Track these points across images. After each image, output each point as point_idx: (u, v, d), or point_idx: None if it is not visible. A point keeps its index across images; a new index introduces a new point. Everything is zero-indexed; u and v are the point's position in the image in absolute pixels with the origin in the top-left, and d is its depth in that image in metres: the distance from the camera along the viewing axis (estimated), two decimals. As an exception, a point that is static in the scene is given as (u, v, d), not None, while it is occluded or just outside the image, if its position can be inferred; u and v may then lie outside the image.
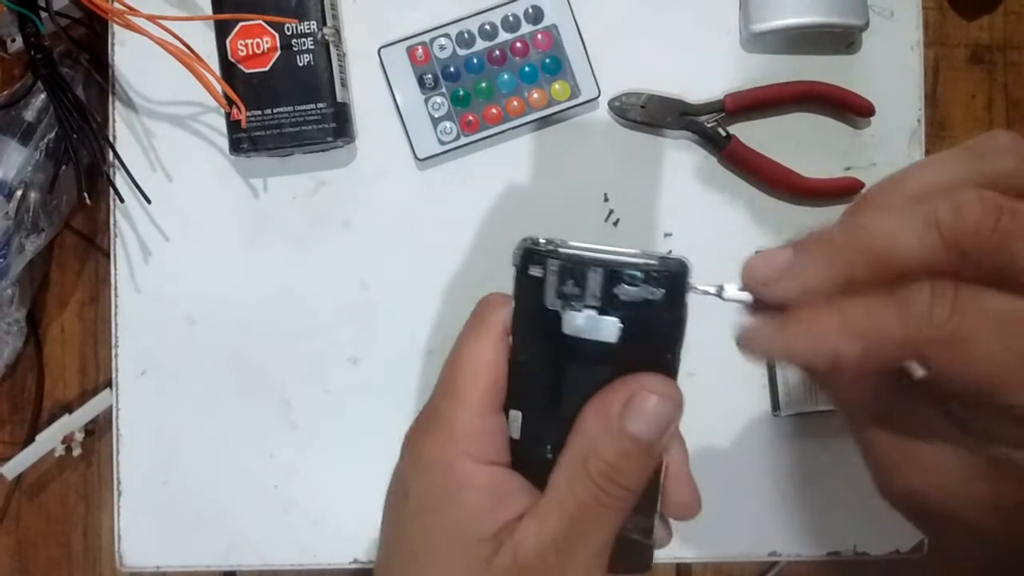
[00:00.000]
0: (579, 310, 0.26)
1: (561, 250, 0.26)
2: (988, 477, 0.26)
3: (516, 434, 0.28)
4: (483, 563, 0.26)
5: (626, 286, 0.26)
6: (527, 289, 0.27)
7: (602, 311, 0.26)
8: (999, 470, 0.25)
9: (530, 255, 0.27)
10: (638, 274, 0.26)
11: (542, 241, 0.27)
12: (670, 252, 0.50)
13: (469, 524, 0.27)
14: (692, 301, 0.26)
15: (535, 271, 0.27)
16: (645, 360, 0.27)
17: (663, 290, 0.26)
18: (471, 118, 0.50)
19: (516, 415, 0.28)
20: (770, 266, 0.25)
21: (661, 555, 0.52)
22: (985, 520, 0.26)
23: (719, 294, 0.27)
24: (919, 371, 0.24)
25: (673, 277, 0.26)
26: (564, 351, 0.27)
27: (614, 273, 0.26)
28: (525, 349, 0.28)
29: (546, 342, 0.27)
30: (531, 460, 0.28)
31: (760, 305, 0.26)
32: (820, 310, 0.24)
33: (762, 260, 0.25)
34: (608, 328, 0.26)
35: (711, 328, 0.51)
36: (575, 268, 0.26)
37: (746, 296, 0.26)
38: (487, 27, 0.50)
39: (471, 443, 0.28)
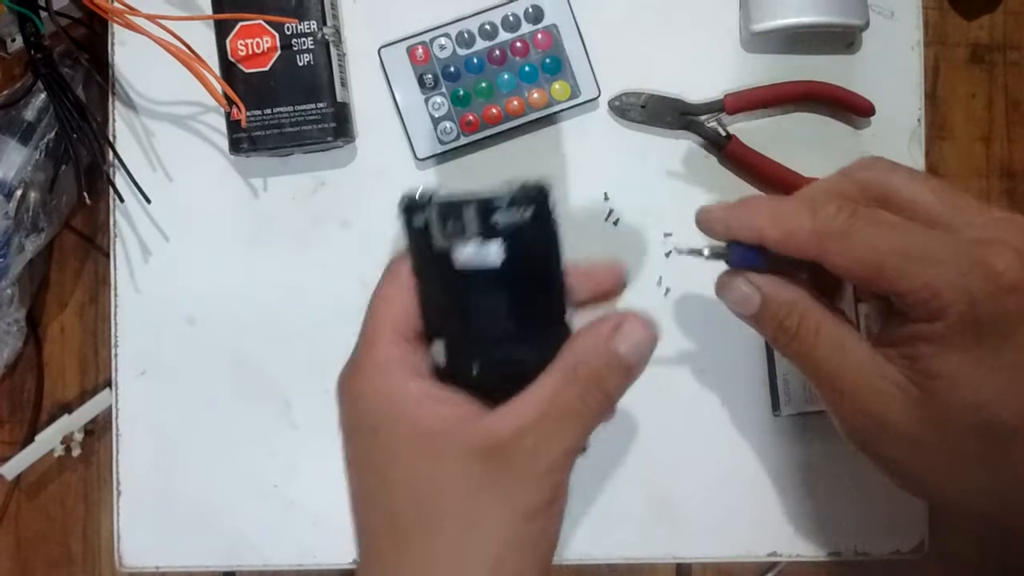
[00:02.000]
0: (464, 244, 0.30)
1: (431, 199, 0.30)
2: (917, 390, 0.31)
3: (443, 359, 0.32)
4: (443, 452, 0.29)
5: (498, 214, 0.30)
6: (416, 238, 0.31)
7: (483, 240, 0.30)
8: (917, 375, 0.31)
9: (411, 208, 0.30)
10: (505, 201, 0.30)
11: (418, 194, 0.30)
12: (668, 253, 0.50)
13: (419, 425, 0.30)
14: (691, 301, 0.28)
15: (418, 221, 0.30)
16: (533, 277, 0.31)
17: (530, 210, 0.30)
18: (471, 118, 0.50)
19: (439, 343, 0.32)
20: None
21: (661, 555, 0.52)
22: (922, 432, 0.31)
23: (702, 253, 0.36)
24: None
25: (536, 196, 0.30)
26: (462, 282, 0.30)
27: (485, 205, 0.30)
28: (428, 286, 0.31)
29: (445, 279, 0.31)
30: (460, 381, 0.31)
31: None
32: (759, 201, 0.34)
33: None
34: (492, 254, 0.30)
35: (711, 328, 0.51)
36: (452, 209, 0.30)
37: (724, 250, 0.35)
38: (487, 27, 0.50)
39: (394, 366, 0.31)
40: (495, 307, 0.31)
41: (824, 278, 0.35)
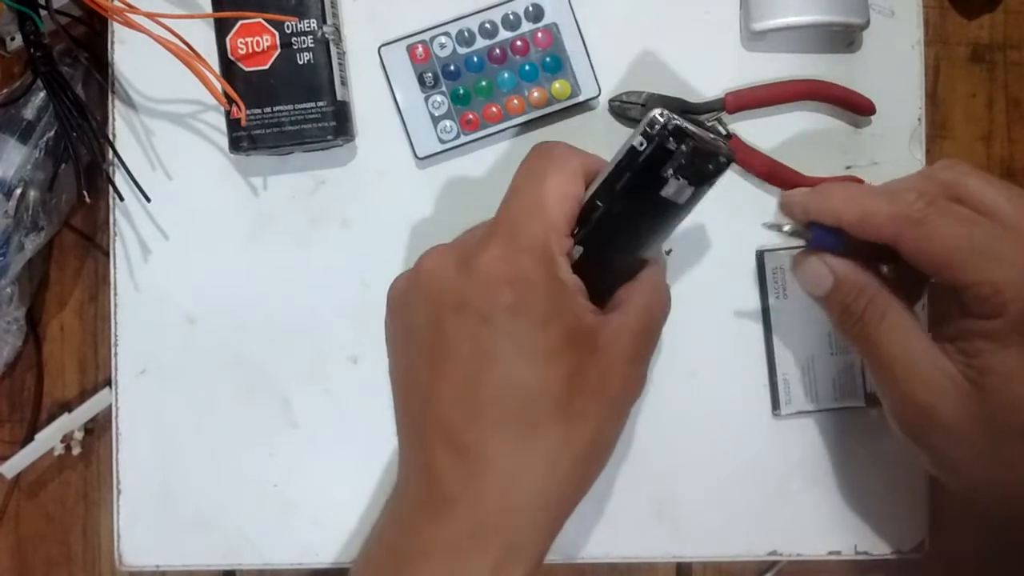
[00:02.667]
0: (679, 179, 0.34)
1: (693, 130, 0.33)
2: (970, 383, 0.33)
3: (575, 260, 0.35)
4: (583, 343, 0.33)
5: (711, 166, 0.34)
6: (647, 156, 0.33)
7: (691, 182, 0.34)
8: (971, 370, 0.32)
9: (676, 132, 0.33)
10: (723, 161, 0.34)
11: (676, 121, 0.33)
12: (668, 252, 0.50)
13: (584, 320, 0.34)
14: (692, 300, 0.31)
15: (671, 145, 0.33)
16: (680, 215, 0.36)
17: (719, 174, 0.35)
18: (471, 117, 0.50)
19: (578, 249, 0.35)
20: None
21: (661, 555, 0.52)
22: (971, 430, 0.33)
23: (783, 229, 0.38)
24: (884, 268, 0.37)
25: (725, 161, 0.34)
26: (647, 207, 0.35)
27: (711, 156, 0.34)
28: (609, 199, 0.35)
29: (636, 199, 0.34)
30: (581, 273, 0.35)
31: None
32: (838, 186, 0.36)
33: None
34: (686, 194, 0.35)
35: (712, 328, 0.51)
36: (701, 156, 0.33)
37: (806, 231, 0.37)
38: (487, 25, 0.50)
39: (565, 263, 0.34)
40: (643, 231, 0.36)
41: (906, 275, 0.37)
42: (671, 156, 0.33)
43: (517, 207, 0.34)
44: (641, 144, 0.33)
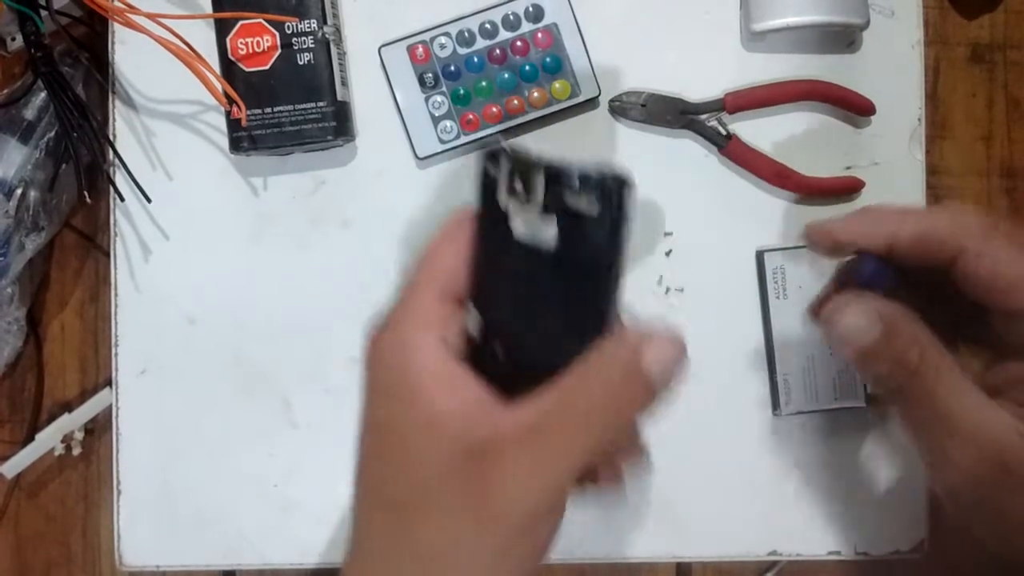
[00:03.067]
0: (524, 212, 0.27)
1: (510, 151, 0.27)
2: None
3: (473, 331, 0.29)
4: (452, 439, 0.27)
5: (564, 190, 0.26)
6: (485, 189, 0.28)
7: (543, 215, 0.26)
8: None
9: (490, 155, 0.28)
10: (575, 180, 0.26)
11: (502, 143, 0.29)
12: (668, 252, 0.50)
13: (435, 405, 0.28)
14: (692, 300, 0.27)
15: (491, 170, 0.28)
16: (583, 273, 0.27)
17: (601, 200, 0.26)
18: (471, 117, 0.50)
19: (474, 313, 0.29)
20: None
21: (661, 555, 0.52)
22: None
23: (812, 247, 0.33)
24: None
25: (613, 186, 0.26)
26: (512, 252, 0.28)
27: (556, 175, 0.26)
28: (482, 248, 0.29)
29: (498, 243, 0.28)
30: (484, 359, 0.29)
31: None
32: (885, 207, 0.32)
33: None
34: (547, 232, 0.27)
35: (712, 328, 0.51)
36: (523, 167, 0.27)
37: (843, 259, 0.33)
38: (487, 26, 0.50)
39: (429, 325, 0.29)
40: (538, 291, 0.28)
41: (941, 322, 0.32)
42: (495, 180, 0.28)
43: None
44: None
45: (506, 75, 0.50)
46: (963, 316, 0.33)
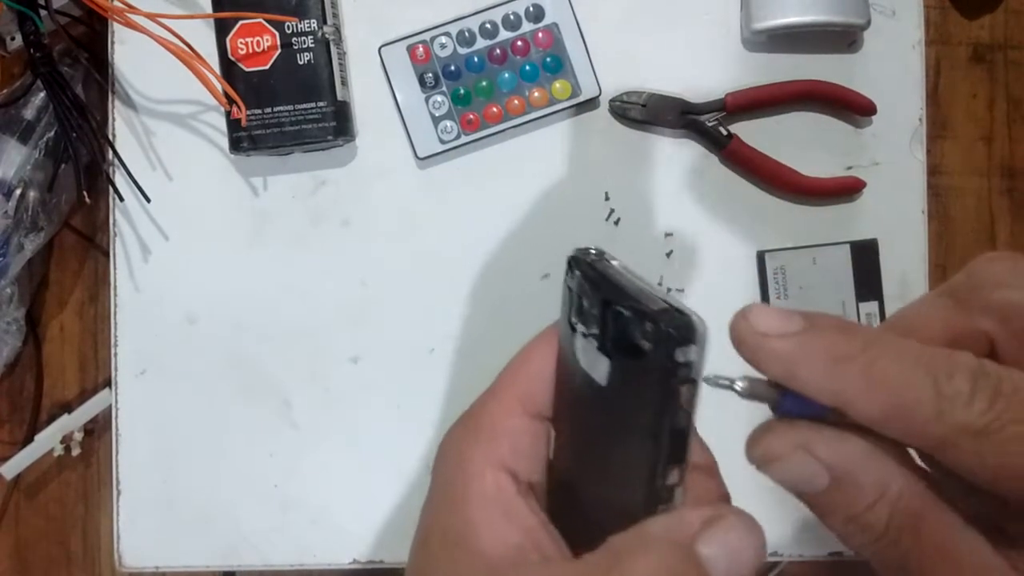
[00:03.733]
0: (585, 337, 0.23)
1: (590, 261, 0.23)
2: None
3: (550, 453, 0.26)
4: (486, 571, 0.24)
5: (619, 323, 0.22)
6: (564, 301, 0.24)
7: (600, 346, 0.22)
8: None
9: (571, 263, 0.23)
10: (629, 313, 0.21)
11: (592, 251, 0.23)
12: (669, 253, 0.50)
13: (484, 543, 0.24)
14: (692, 300, 0.26)
15: (569, 282, 0.23)
16: (632, 417, 0.23)
17: (651, 343, 0.21)
18: (472, 117, 0.50)
19: (552, 434, 0.25)
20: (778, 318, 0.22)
21: (662, 555, 0.52)
22: None
23: (735, 387, 0.23)
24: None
25: (666, 333, 0.21)
26: (574, 376, 0.24)
27: (610, 304, 0.22)
28: (558, 366, 0.25)
29: (566, 362, 0.24)
30: (557, 484, 0.25)
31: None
32: (843, 341, 0.21)
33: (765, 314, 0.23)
34: (600, 366, 0.22)
35: (711, 328, 0.51)
36: (587, 288, 0.22)
37: (772, 395, 0.23)
38: (488, 26, 0.49)
39: (489, 432, 0.25)
40: (589, 428, 0.24)
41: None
42: (570, 293, 0.23)
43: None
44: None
45: (506, 75, 0.50)
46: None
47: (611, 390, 0.22)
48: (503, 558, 0.24)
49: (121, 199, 0.51)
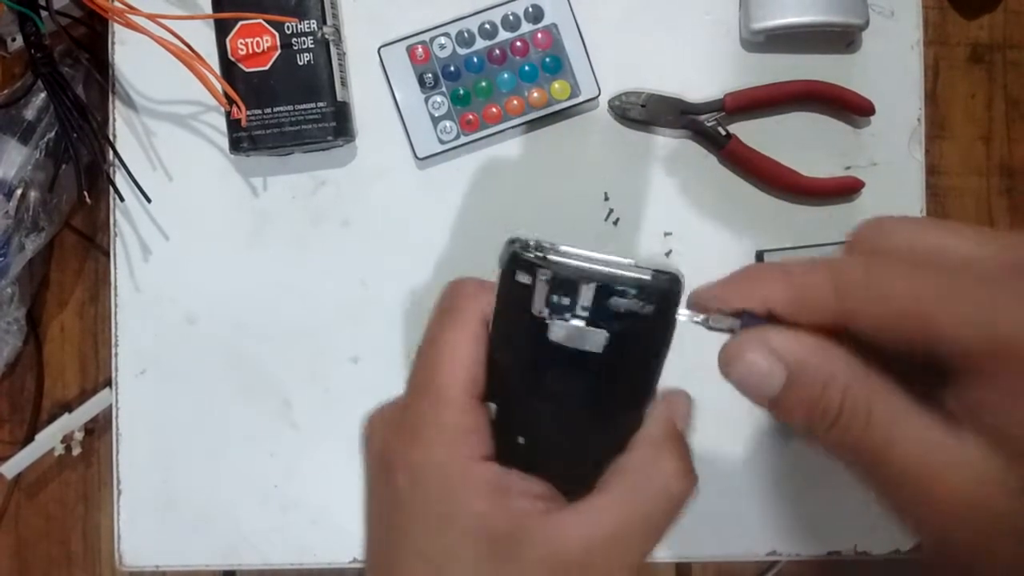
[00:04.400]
0: (567, 320, 0.26)
1: (551, 258, 0.25)
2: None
3: (493, 416, 0.29)
4: (513, 557, 0.27)
5: (617, 299, 0.26)
6: (513, 293, 0.26)
7: (590, 323, 0.26)
8: (1006, 455, 0.23)
9: (519, 262, 0.26)
10: (630, 289, 0.25)
11: (531, 245, 0.26)
12: (668, 253, 0.50)
13: (487, 524, 0.27)
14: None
15: (523, 278, 0.26)
16: (629, 369, 0.27)
17: (653, 305, 0.26)
18: (471, 117, 0.50)
19: (491, 407, 0.28)
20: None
21: (661, 555, 0.52)
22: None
23: (706, 323, 0.27)
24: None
25: (664, 293, 0.26)
26: (547, 356, 0.27)
27: (605, 287, 0.25)
28: (505, 348, 0.28)
29: (529, 346, 0.27)
30: (505, 447, 0.28)
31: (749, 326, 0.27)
32: (757, 267, 0.27)
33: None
34: (595, 339, 0.26)
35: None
36: (566, 280, 0.25)
37: (734, 321, 0.26)
38: (487, 26, 0.50)
39: (461, 441, 0.28)
40: (573, 388, 0.27)
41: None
42: (530, 291, 0.26)
43: (413, 379, 0.30)
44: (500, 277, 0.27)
45: (506, 75, 0.50)
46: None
47: (608, 354, 0.26)
48: (540, 526, 0.27)
49: (121, 199, 0.51)
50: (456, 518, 0.27)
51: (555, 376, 0.27)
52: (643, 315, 0.26)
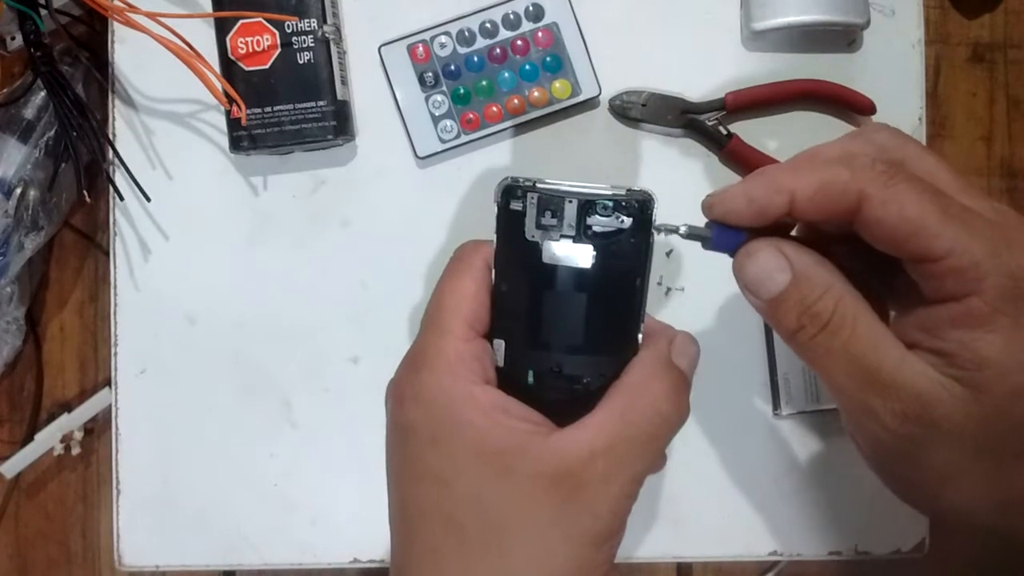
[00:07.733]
0: (556, 239, 0.30)
1: (539, 185, 0.30)
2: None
3: (501, 362, 0.31)
4: (513, 470, 0.29)
5: (598, 216, 0.30)
6: (508, 223, 0.30)
7: (576, 239, 0.30)
8: (958, 369, 0.27)
9: (511, 191, 0.30)
10: (609, 204, 0.30)
11: (521, 179, 0.30)
12: (668, 253, 0.50)
13: (488, 439, 0.29)
14: (692, 300, 0.28)
15: (516, 205, 0.30)
16: (617, 285, 0.31)
17: (631, 218, 0.30)
18: (472, 116, 0.50)
19: (500, 344, 0.31)
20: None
21: (661, 555, 0.52)
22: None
23: (679, 231, 0.31)
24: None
25: (641, 205, 0.30)
26: (543, 279, 0.31)
27: (587, 204, 0.30)
28: (507, 279, 0.31)
29: (526, 271, 0.31)
30: (514, 385, 0.31)
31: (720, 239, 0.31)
32: (780, 165, 0.29)
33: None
34: (582, 253, 0.30)
35: (712, 327, 0.51)
36: (552, 200, 0.30)
37: (706, 230, 0.31)
38: (488, 25, 0.49)
39: (463, 367, 0.30)
40: (569, 312, 0.31)
41: (857, 269, 0.30)
42: (522, 216, 0.30)
43: (423, 320, 0.32)
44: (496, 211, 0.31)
45: (506, 74, 0.50)
46: (877, 269, 0.30)
47: (597, 267, 0.30)
48: (539, 443, 0.29)
49: (121, 198, 0.51)
50: (459, 435, 0.29)
51: (553, 298, 0.31)
52: (623, 229, 0.30)
